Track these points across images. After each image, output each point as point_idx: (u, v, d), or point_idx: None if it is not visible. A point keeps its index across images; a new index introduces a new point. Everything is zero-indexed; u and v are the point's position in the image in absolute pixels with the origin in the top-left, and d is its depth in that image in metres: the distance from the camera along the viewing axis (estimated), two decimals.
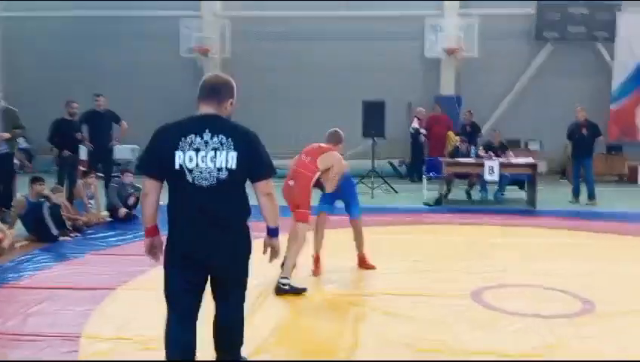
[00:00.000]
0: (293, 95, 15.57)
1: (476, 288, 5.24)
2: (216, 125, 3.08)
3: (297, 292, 5.06)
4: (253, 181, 3.15)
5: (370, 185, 11.52)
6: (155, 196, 3.15)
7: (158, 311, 4.58)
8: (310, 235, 5.63)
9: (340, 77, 15.61)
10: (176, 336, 3.21)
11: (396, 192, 11.98)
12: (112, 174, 10.05)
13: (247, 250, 3.22)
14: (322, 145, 5.70)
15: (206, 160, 3.01)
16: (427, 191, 11.21)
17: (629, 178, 14.57)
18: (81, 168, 9.86)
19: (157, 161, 3.09)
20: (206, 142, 3.03)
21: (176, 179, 3.05)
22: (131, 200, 8.79)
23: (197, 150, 3.02)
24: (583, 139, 10.70)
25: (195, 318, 3.22)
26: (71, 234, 7.45)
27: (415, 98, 15.42)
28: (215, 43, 15.62)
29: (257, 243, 3.27)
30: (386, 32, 15.47)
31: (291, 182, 5.45)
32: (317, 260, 5.78)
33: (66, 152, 9.52)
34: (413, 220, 8.87)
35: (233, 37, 15.71)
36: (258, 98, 14.36)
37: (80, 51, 16.02)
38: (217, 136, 3.04)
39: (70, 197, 8.81)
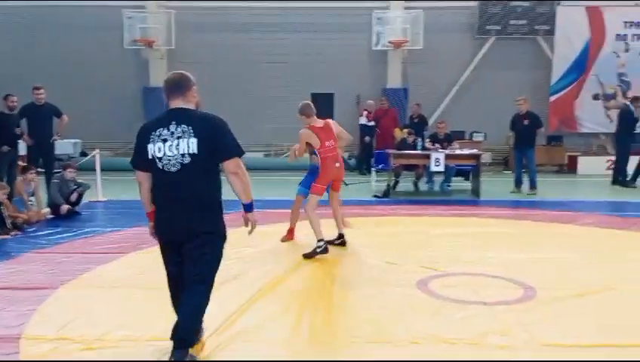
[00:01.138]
0: (241, 87, 15.47)
1: (422, 277, 5.34)
2: (181, 116, 3.46)
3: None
4: (220, 162, 3.49)
5: None
6: (147, 184, 3.57)
7: (102, 310, 4.51)
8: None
9: (288, 69, 15.60)
10: (175, 304, 3.62)
11: (346, 185, 11.94)
12: (54, 170, 9.74)
13: (214, 232, 3.52)
14: (321, 123, 6.37)
15: (172, 148, 3.41)
16: (376, 183, 11.34)
17: (569, 167, 15.11)
18: (21, 164, 9.52)
19: (140, 155, 3.51)
20: (172, 133, 3.42)
21: (153, 168, 3.47)
22: (74, 197, 8.57)
23: (164, 140, 3.42)
24: (525, 130, 11.00)
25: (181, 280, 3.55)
26: (11, 233, 7.20)
27: (363, 90, 15.55)
28: (160, 34, 15.32)
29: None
30: (334, 24, 15.54)
31: (338, 164, 6.33)
32: (291, 231, 6.89)
33: (5, 148, 9.17)
34: (363, 212, 8.95)
35: (178, 28, 15.45)
36: (204, 90, 13.90)
37: (19, 42, 15.46)
38: (181, 126, 3.42)
39: (10, 194, 8.48)
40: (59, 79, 14.03)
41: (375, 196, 10.63)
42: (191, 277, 3.45)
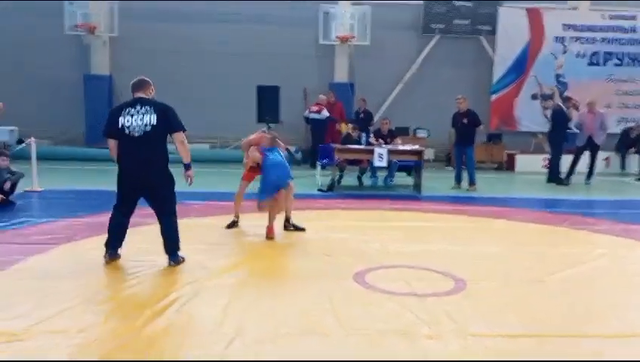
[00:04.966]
0: (185, 78, 15.26)
1: (359, 270, 5.43)
2: (144, 102, 5.28)
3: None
4: (170, 133, 5.28)
5: None
6: (115, 149, 5.31)
7: (31, 301, 4.38)
8: None
9: (233, 61, 15.48)
10: (117, 221, 5.38)
11: (292, 178, 12.04)
12: None
13: (167, 179, 5.32)
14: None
15: (137, 120, 5.17)
16: (321, 177, 11.41)
17: (507, 165, 15.58)
18: None
19: (111, 126, 5.25)
20: (138, 111, 5.22)
21: (121, 134, 5.21)
22: (7, 186, 8.29)
23: (132, 115, 5.21)
24: (464, 128, 11.29)
25: (129, 215, 5.43)
26: None
27: (310, 84, 15.59)
28: (102, 21, 14.92)
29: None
30: (281, 17, 15.51)
31: None
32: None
33: None
34: (306, 205, 8.98)
35: (122, 15, 15.09)
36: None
37: None
38: (144, 107, 5.24)
39: None
40: None
41: (320, 190, 10.70)
42: (162, 212, 5.34)
